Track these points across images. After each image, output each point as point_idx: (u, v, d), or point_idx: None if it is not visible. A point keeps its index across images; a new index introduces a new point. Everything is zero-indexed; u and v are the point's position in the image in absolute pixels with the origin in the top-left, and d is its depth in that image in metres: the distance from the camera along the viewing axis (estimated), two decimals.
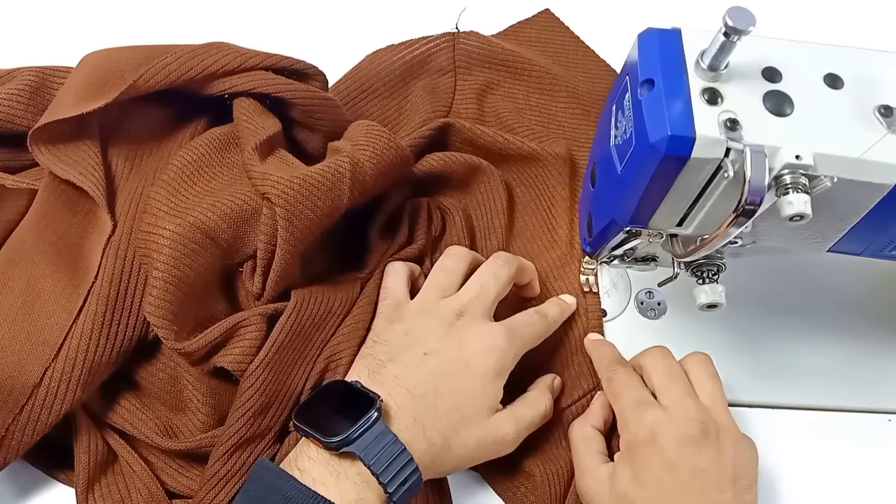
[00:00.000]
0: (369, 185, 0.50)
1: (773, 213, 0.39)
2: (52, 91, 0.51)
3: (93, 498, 0.47)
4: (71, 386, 0.44)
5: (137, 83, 0.48)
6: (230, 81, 0.51)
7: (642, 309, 0.57)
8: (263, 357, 0.46)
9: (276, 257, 0.47)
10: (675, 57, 0.40)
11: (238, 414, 0.46)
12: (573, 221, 0.59)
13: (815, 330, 0.57)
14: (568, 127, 0.65)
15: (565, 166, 0.60)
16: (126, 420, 0.48)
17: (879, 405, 0.55)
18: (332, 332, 0.50)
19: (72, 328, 0.44)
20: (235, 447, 0.46)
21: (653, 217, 0.44)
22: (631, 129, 0.41)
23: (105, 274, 0.46)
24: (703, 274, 0.48)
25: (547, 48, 0.70)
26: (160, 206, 0.46)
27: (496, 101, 0.65)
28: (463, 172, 0.59)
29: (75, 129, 0.48)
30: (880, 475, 0.53)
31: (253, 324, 0.47)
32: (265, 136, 0.49)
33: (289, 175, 0.47)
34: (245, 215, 0.47)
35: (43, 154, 0.48)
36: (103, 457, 0.48)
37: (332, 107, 0.54)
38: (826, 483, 0.53)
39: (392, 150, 0.51)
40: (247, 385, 0.46)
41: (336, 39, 0.68)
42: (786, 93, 0.39)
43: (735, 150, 0.37)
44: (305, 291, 0.49)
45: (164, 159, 0.51)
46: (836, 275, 0.59)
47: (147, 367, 0.49)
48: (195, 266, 0.46)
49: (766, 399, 0.55)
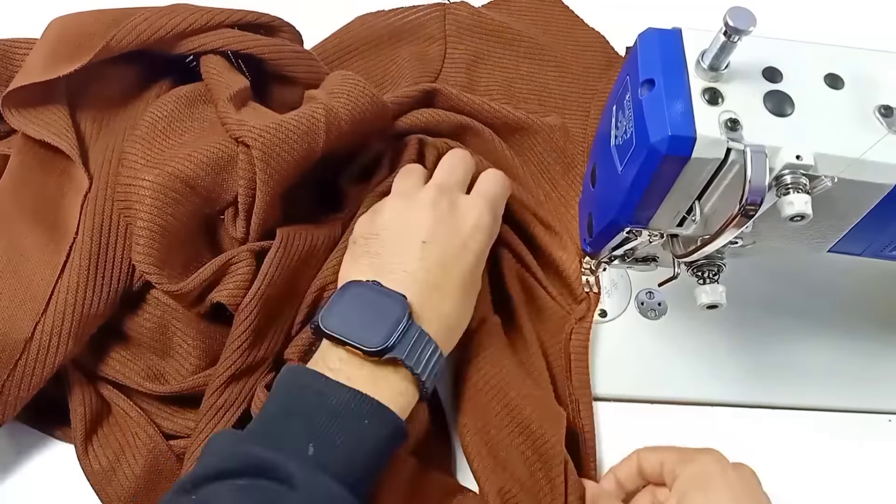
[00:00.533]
0: (345, 130, 0.51)
1: (773, 213, 0.39)
2: (16, 62, 0.52)
3: (92, 449, 0.48)
4: (62, 339, 0.45)
5: (110, 44, 0.49)
6: (199, 40, 0.52)
7: (643, 309, 0.57)
8: (256, 290, 0.47)
9: (256, 200, 0.49)
10: (675, 57, 0.40)
11: (234, 346, 0.47)
12: (571, 186, 0.60)
13: (815, 330, 0.57)
14: (559, 95, 0.66)
15: (559, 136, 0.61)
16: (117, 371, 0.49)
17: (879, 405, 0.55)
18: (318, 266, 0.51)
19: (57, 283, 0.46)
20: (231, 378, 0.47)
21: (653, 217, 0.44)
22: (631, 130, 0.41)
23: (85, 229, 0.47)
24: (703, 274, 0.48)
25: (536, 18, 0.71)
26: (137, 159, 0.48)
27: (486, 71, 0.66)
28: (450, 131, 0.59)
29: (45, 94, 0.50)
30: (880, 475, 0.53)
31: (243, 260, 0.48)
32: (236, 89, 0.51)
33: (264, 121, 0.48)
34: (221, 163, 0.49)
35: (14, 117, 0.49)
36: (98, 408, 0.49)
37: (304, 58, 0.56)
38: (826, 483, 0.53)
39: (367, 97, 0.52)
40: (242, 318, 0.47)
41: (325, 5, 0.68)
42: (786, 93, 0.39)
43: (736, 150, 0.37)
44: (290, 229, 0.50)
45: (132, 118, 0.53)
46: (836, 275, 0.59)
47: (134, 318, 0.50)
48: (177, 215, 0.47)
49: (766, 399, 0.55)
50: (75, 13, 0.52)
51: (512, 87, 0.66)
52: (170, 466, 0.48)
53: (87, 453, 0.47)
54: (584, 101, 0.66)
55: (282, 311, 0.50)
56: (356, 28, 0.67)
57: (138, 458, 0.48)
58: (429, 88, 0.60)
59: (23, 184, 0.50)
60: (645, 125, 0.39)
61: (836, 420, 0.55)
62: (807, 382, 0.55)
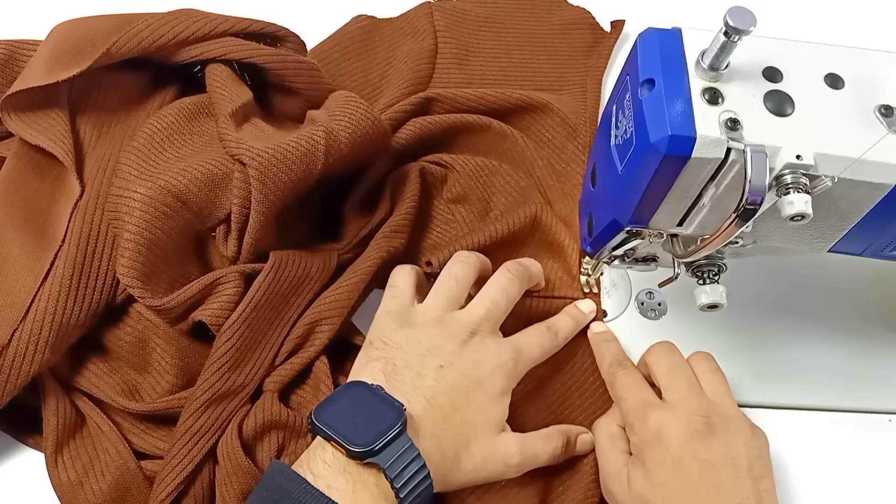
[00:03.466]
0: (344, 153, 0.50)
1: (773, 213, 0.39)
2: (21, 63, 0.52)
3: (62, 460, 0.47)
4: (39, 347, 0.45)
5: (110, 51, 0.49)
6: (201, 48, 0.52)
7: (643, 309, 0.57)
8: (241, 312, 0.47)
9: (250, 219, 0.48)
10: (675, 57, 0.40)
11: (213, 368, 0.46)
12: (576, 153, 0.61)
13: (815, 330, 0.57)
14: (553, 77, 0.67)
15: (561, 109, 0.62)
16: (93, 384, 0.49)
17: (879, 405, 0.55)
18: (308, 296, 0.50)
19: (39, 291, 0.45)
20: (209, 402, 0.46)
21: (653, 217, 0.44)
22: (631, 129, 0.41)
23: (72, 238, 0.47)
24: (703, 274, 0.48)
25: (521, 1, 0.71)
26: (131, 171, 0.48)
27: (479, 63, 0.67)
28: (444, 134, 0.60)
29: (45, 98, 0.50)
30: (880, 475, 0.53)
31: (231, 280, 0.48)
32: (239, 104, 0.50)
33: (263, 143, 0.48)
34: (216, 180, 0.48)
35: (13, 120, 0.49)
36: (71, 420, 0.48)
37: (307, 69, 0.55)
38: (826, 483, 0.53)
39: (368, 120, 0.51)
40: (223, 339, 0.47)
41: (319, 9, 0.69)
42: (786, 93, 0.39)
43: (736, 150, 0.37)
44: (283, 253, 0.50)
45: (132, 127, 0.52)
46: (836, 275, 0.59)
47: (114, 331, 0.49)
48: (166, 229, 0.47)
49: (766, 399, 0.55)
50: (79, 18, 0.51)
51: (507, 75, 0.67)
52: (138, 486, 0.47)
53: (57, 464, 0.47)
54: (578, 80, 0.67)
55: (266, 337, 0.49)
56: (350, 29, 0.67)
57: (106, 475, 0.47)
58: (423, 98, 0.60)
59: (15, 188, 0.49)
60: (645, 125, 0.39)
61: (836, 420, 0.55)
62: (807, 382, 0.55)
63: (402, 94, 0.62)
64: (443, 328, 0.47)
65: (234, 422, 0.47)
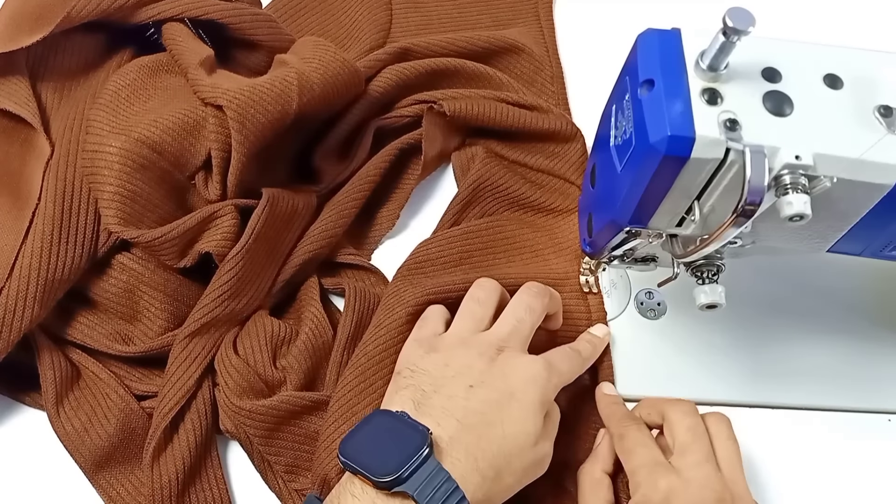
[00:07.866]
0: (317, 94, 0.52)
1: (772, 213, 0.39)
2: None
3: (64, 412, 0.48)
4: (28, 303, 0.46)
5: (70, 14, 0.50)
6: (157, 8, 0.53)
7: (642, 309, 0.57)
8: (244, 243, 0.49)
9: (232, 160, 0.50)
10: (674, 57, 0.40)
11: (214, 295, 0.49)
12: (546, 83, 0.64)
13: (815, 330, 0.57)
14: (507, 7, 0.71)
15: (528, 45, 0.64)
16: (85, 334, 0.50)
17: (879, 405, 0.55)
18: (297, 231, 0.54)
19: (21, 248, 0.47)
20: (207, 326, 0.49)
21: (653, 217, 0.44)
22: (631, 130, 0.41)
23: (48, 195, 0.48)
24: (702, 274, 0.48)
25: None
26: (102, 126, 0.49)
27: (435, 4, 0.69)
28: (417, 76, 0.60)
29: (4, 65, 0.50)
30: (880, 475, 0.53)
31: (228, 213, 0.50)
32: (204, 56, 0.52)
33: (237, 84, 0.49)
34: (187, 128, 0.50)
35: None
36: (68, 373, 0.49)
37: (264, 20, 0.57)
38: (826, 483, 0.53)
39: (338, 62, 0.53)
40: (226, 268, 0.49)
41: None
42: (785, 93, 0.39)
43: (735, 150, 0.37)
44: (275, 189, 0.52)
45: (93, 87, 0.54)
46: (835, 275, 0.59)
47: (100, 283, 0.50)
48: (146, 180, 0.49)
49: (766, 399, 0.55)
50: None
51: (462, 12, 0.70)
52: (143, 425, 0.49)
53: (59, 416, 0.48)
54: (530, 8, 0.71)
55: (263, 268, 0.51)
56: None
57: (111, 418, 0.48)
58: (399, 48, 0.61)
59: None
60: (644, 125, 0.39)
61: (835, 420, 0.55)
62: (806, 382, 0.55)
63: (369, 45, 0.64)
64: (470, 349, 0.46)
65: (227, 337, 0.50)
